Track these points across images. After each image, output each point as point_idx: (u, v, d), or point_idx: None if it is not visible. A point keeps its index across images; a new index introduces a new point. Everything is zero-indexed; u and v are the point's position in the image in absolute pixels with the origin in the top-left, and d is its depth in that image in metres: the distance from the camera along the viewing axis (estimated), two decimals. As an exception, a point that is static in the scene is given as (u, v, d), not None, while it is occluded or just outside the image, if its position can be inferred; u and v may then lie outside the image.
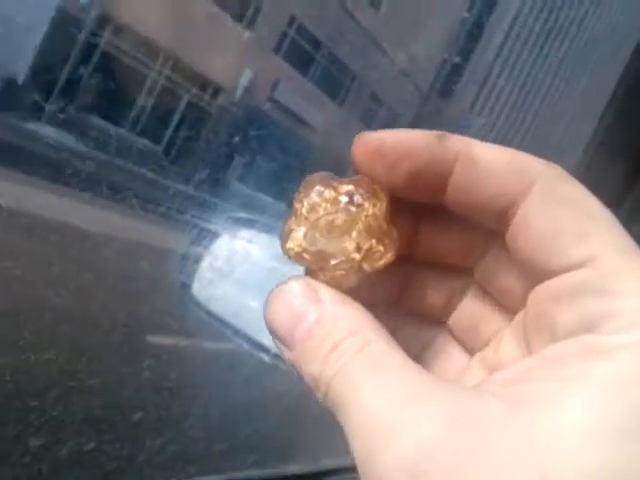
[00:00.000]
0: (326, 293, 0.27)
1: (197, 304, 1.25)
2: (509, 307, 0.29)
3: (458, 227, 0.30)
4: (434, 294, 0.32)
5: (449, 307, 0.32)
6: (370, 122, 9.26)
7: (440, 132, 0.27)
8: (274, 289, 0.27)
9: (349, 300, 0.27)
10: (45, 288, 0.74)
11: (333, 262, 0.27)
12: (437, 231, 0.30)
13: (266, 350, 1.11)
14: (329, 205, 0.27)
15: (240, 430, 0.95)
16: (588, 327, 0.23)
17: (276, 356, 1.11)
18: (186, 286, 1.27)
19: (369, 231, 0.27)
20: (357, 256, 0.27)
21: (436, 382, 0.23)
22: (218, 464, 0.89)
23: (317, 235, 0.27)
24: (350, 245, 0.27)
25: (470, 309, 0.31)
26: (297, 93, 8.42)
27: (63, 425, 0.72)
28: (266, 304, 0.27)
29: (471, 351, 0.31)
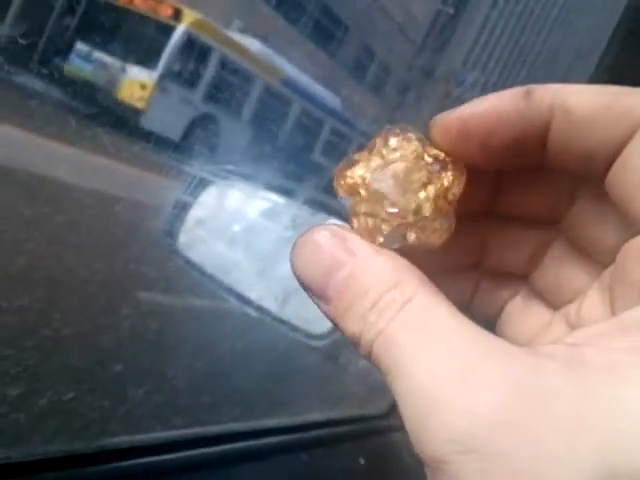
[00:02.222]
0: (358, 243, 0.25)
1: (182, 257, 1.24)
2: (598, 262, 0.27)
3: (543, 178, 0.28)
4: (517, 250, 0.30)
5: (533, 262, 0.30)
6: (362, 76, 9.17)
7: (525, 88, 0.24)
8: (298, 240, 0.25)
9: (384, 251, 0.25)
10: (16, 231, 0.72)
11: (388, 210, 0.25)
12: (520, 184, 0.28)
13: (254, 305, 1.10)
14: (413, 155, 0.25)
15: (225, 383, 0.95)
16: None
17: (263, 311, 1.11)
18: (171, 237, 1.25)
19: (436, 202, 0.25)
20: (412, 218, 0.25)
21: (489, 344, 0.21)
22: (203, 416, 0.89)
23: (387, 175, 0.25)
24: (412, 203, 0.25)
25: (555, 264, 0.29)
26: (287, 45, 8.30)
27: (40, 374, 0.71)
28: (292, 257, 0.25)
29: (556, 306, 0.29)
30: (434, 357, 0.21)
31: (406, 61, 8.63)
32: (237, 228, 1.27)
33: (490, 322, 0.31)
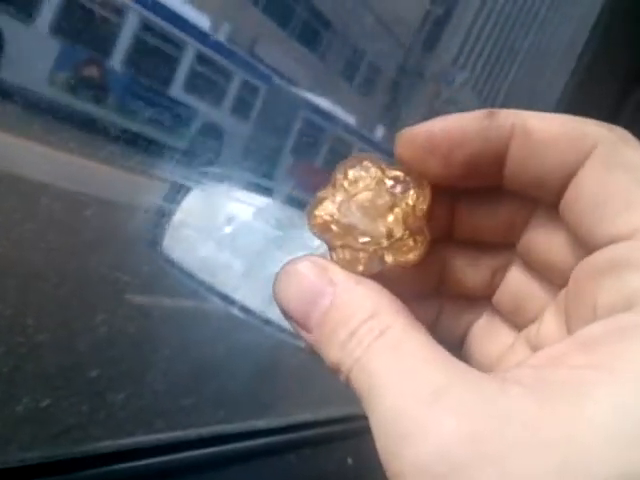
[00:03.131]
0: (338, 273, 0.25)
1: (167, 261, 1.23)
2: (555, 283, 0.27)
3: (499, 202, 0.28)
4: (476, 274, 0.30)
5: (492, 285, 0.30)
6: (351, 77, 9.18)
7: (488, 110, 0.25)
8: (282, 270, 0.26)
9: (364, 280, 0.25)
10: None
11: (361, 240, 0.25)
12: (475, 209, 0.29)
13: (239, 306, 1.10)
14: (373, 183, 0.26)
15: (206, 385, 0.94)
16: (628, 305, 0.21)
17: (249, 311, 1.10)
18: (155, 242, 1.25)
19: (406, 221, 0.26)
20: (385, 242, 0.25)
21: (459, 371, 0.21)
22: (185, 419, 0.88)
23: (353, 208, 0.26)
24: (382, 228, 0.25)
25: (514, 286, 0.29)
26: (277, 48, 8.30)
27: (15, 381, 0.70)
28: (275, 286, 0.26)
29: (519, 327, 0.29)
30: (405, 385, 0.21)
31: (396, 62, 8.65)
32: (222, 230, 1.26)
33: (456, 345, 0.31)
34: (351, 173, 0.26)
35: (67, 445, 0.67)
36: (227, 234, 1.35)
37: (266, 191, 1.22)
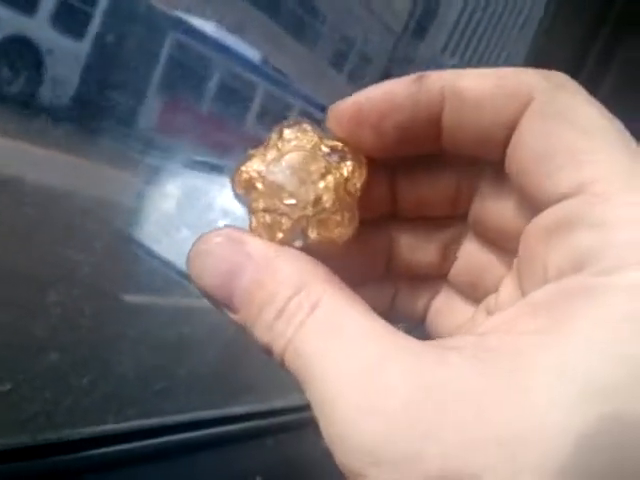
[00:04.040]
0: (256, 245, 0.24)
1: (144, 248, 1.22)
2: (510, 251, 0.26)
3: (438, 173, 0.27)
4: (426, 251, 0.29)
5: (447, 262, 0.30)
6: (341, 66, 9.14)
7: (417, 74, 0.24)
8: (193, 249, 0.24)
9: (285, 250, 0.24)
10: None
11: (286, 202, 0.24)
12: (416, 182, 0.28)
13: None
14: (309, 146, 0.25)
15: (177, 369, 0.93)
16: (578, 266, 0.20)
17: None
18: (131, 230, 1.24)
19: (337, 192, 0.24)
20: (311, 210, 0.24)
21: (394, 344, 0.20)
22: (158, 406, 0.87)
23: (282, 165, 0.25)
24: (311, 194, 0.24)
25: (469, 260, 0.29)
26: (264, 37, 8.24)
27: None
28: (189, 268, 0.24)
29: (479, 301, 0.29)
30: (340, 364, 0.20)
31: (386, 49, 8.59)
32: (216, 224, 1.26)
33: (417, 326, 0.31)
34: (287, 132, 0.25)
35: (33, 432, 0.66)
36: (200, 220, 1.34)
37: None
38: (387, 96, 0.24)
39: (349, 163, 0.25)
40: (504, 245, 0.27)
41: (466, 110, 0.24)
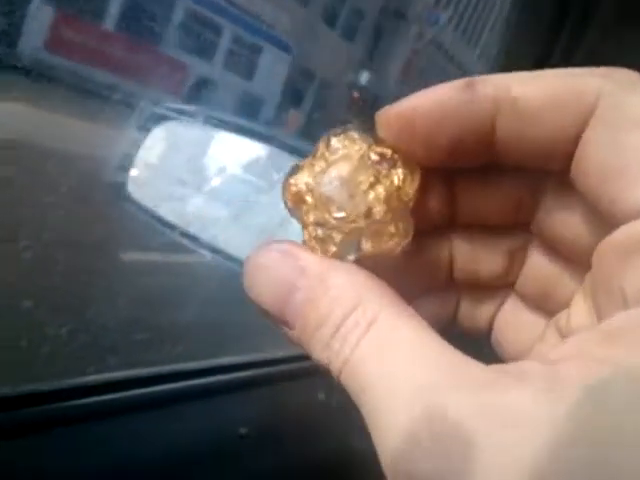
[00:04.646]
0: (310, 260, 0.23)
1: (133, 202, 1.20)
2: (580, 264, 0.25)
3: (498, 180, 0.26)
4: (490, 260, 0.28)
5: (512, 271, 0.28)
6: (333, 22, 9.00)
7: (466, 81, 0.23)
8: (248, 263, 0.24)
9: (340, 265, 0.23)
10: None
11: (336, 215, 0.23)
12: (474, 190, 0.26)
13: (203, 245, 1.08)
14: (357, 155, 0.24)
15: (159, 319, 0.91)
16: None
17: (215, 250, 1.08)
18: (119, 184, 1.21)
19: (388, 202, 0.23)
20: (363, 222, 0.23)
21: (455, 367, 0.19)
22: (140, 356, 0.86)
23: (331, 177, 0.24)
24: (362, 206, 0.23)
25: (536, 271, 0.27)
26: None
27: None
28: (245, 282, 0.24)
29: (548, 314, 0.27)
30: (394, 388, 0.20)
31: (378, 4, 8.45)
32: (209, 181, 1.24)
33: (482, 337, 0.30)
34: (334, 141, 0.24)
35: (12, 382, 0.64)
36: (215, 187, 1.32)
37: (260, 137, 1.19)
38: (437, 106, 0.23)
39: (400, 171, 0.24)
40: (573, 257, 0.25)
41: (522, 121, 0.22)
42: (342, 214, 0.23)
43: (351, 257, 0.24)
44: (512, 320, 0.29)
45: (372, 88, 8.40)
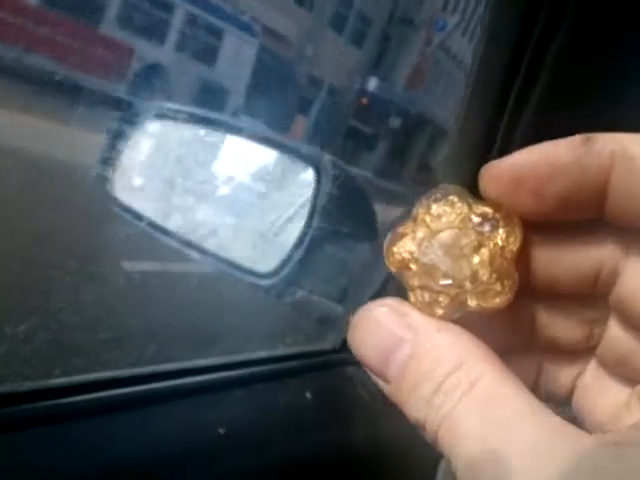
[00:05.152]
0: (418, 319, 0.24)
1: (118, 203, 1.18)
2: None
3: (574, 246, 0.26)
4: (569, 328, 0.28)
5: (593, 339, 0.28)
6: (341, 28, 9.02)
7: (585, 136, 0.23)
8: (358, 316, 0.25)
9: (447, 326, 0.24)
10: None
11: (442, 282, 0.24)
12: (550, 256, 0.26)
13: (195, 247, 1.06)
14: (458, 219, 0.24)
15: (127, 317, 0.89)
16: None
17: (206, 252, 1.06)
18: (105, 181, 1.19)
19: (492, 263, 0.24)
20: (469, 286, 0.24)
21: (559, 432, 0.20)
22: (108, 356, 0.83)
23: (434, 246, 0.24)
24: (466, 270, 0.24)
25: (615, 342, 0.27)
26: (263, 2, 8.12)
27: None
28: (351, 333, 0.25)
29: (631, 382, 0.27)
30: (501, 446, 0.20)
31: (385, 10, 8.45)
32: (216, 190, 1.23)
33: (564, 402, 0.30)
34: (434, 208, 0.25)
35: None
36: (175, 171, 1.30)
37: (269, 144, 1.17)
38: (550, 159, 0.23)
39: (501, 231, 0.24)
40: None
41: (638, 178, 0.22)
42: (448, 281, 0.24)
43: (457, 315, 0.24)
44: (594, 386, 0.29)
45: (380, 94, 8.39)
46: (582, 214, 0.24)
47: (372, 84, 8.46)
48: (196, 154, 1.24)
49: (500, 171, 0.24)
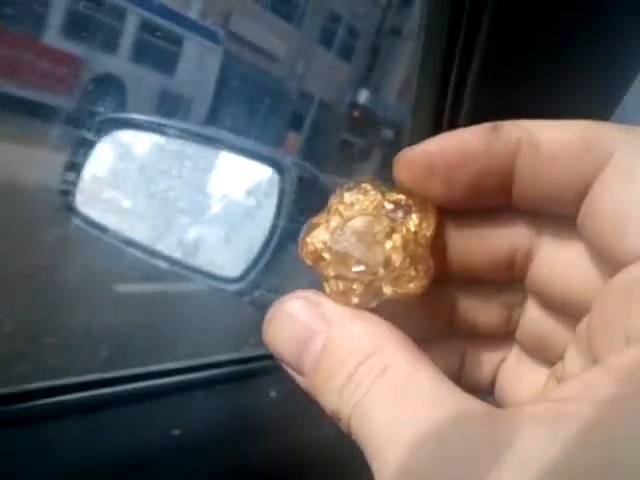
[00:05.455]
0: (332, 309, 0.24)
1: (81, 216, 1.18)
2: (572, 316, 0.26)
3: (491, 236, 0.26)
4: (488, 313, 0.29)
5: (512, 323, 0.29)
6: (330, 43, 9.06)
7: (493, 124, 0.24)
8: (272, 310, 0.25)
9: (361, 314, 0.24)
10: None
11: (355, 269, 0.24)
12: (465, 243, 0.27)
13: (162, 257, 1.06)
14: (371, 207, 0.25)
15: (70, 320, 0.88)
16: None
17: (173, 261, 1.06)
18: (68, 195, 1.20)
19: (406, 249, 0.24)
20: (383, 272, 0.24)
21: (467, 409, 0.20)
22: (54, 362, 0.82)
23: (347, 234, 0.24)
24: (380, 256, 0.24)
25: (533, 324, 0.28)
26: (252, 21, 8.17)
27: None
28: (265, 328, 0.25)
29: (549, 365, 0.28)
30: (405, 432, 0.20)
31: (373, 22, 8.50)
32: (209, 208, 1.23)
33: (487, 387, 0.30)
34: (347, 196, 0.25)
35: None
36: (133, 181, 1.30)
37: (232, 149, 1.17)
38: (460, 146, 0.24)
39: (414, 217, 0.24)
40: (567, 311, 0.26)
41: (542, 164, 0.23)
42: (361, 267, 0.24)
43: (373, 304, 0.24)
44: (515, 371, 0.29)
45: (372, 106, 8.41)
46: (492, 200, 0.25)
47: (363, 97, 8.50)
48: (159, 163, 1.24)
49: (413, 158, 0.25)
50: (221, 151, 1.21)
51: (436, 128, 0.66)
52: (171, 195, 1.31)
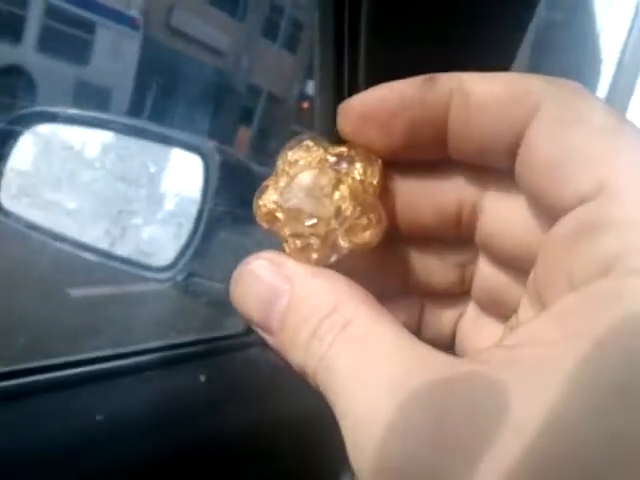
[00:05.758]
0: (293, 268, 0.24)
1: (8, 214, 1.16)
2: (523, 269, 0.26)
3: (433, 187, 0.27)
4: (442, 271, 0.29)
5: (466, 281, 0.29)
6: (274, 35, 9.04)
7: (429, 75, 0.24)
8: (236, 272, 0.25)
9: (321, 271, 0.24)
10: None
11: (308, 223, 0.24)
12: (412, 199, 0.27)
13: (88, 248, 1.05)
14: (315, 162, 0.25)
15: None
16: (604, 270, 0.19)
17: (99, 252, 1.05)
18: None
19: (354, 198, 0.24)
20: (335, 223, 0.24)
21: (425, 360, 0.20)
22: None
23: (295, 190, 0.25)
24: (330, 208, 0.24)
25: (485, 281, 0.29)
26: (194, 16, 8.10)
27: None
28: (231, 290, 0.26)
29: (504, 320, 0.28)
30: (366, 381, 0.20)
31: (315, 14, 8.49)
32: (162, 206, 1.22)
33: (447, 343, 0.31)
34: (290, 154, 0.25)
35: None
36: (63, 175, 1.29)
37: (154, 137, 1.16)
38: (396, 95, 0.24)
39: (358, 165, 0.25)
40: (516, 264, 0.26)
41: (472, 114, 0.23)
42: (314, 221, 0.24)
43: (333, 259, 0.25)
44: (473, 327, 0.30)
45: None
46: (431, 152, 0.25)
47: (311, 87, 8.50)
48: (81, 155, 1.23)
49: (352, 107, 0.25)
50: (144, 140, 1.21)
51: (340, 96, 0.67)
52: (96, 187, 1.30)
